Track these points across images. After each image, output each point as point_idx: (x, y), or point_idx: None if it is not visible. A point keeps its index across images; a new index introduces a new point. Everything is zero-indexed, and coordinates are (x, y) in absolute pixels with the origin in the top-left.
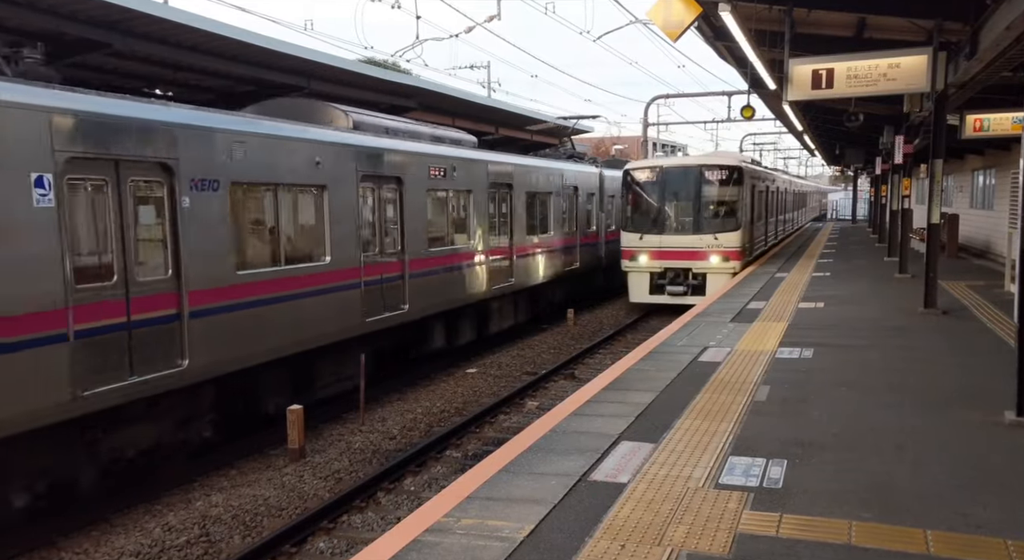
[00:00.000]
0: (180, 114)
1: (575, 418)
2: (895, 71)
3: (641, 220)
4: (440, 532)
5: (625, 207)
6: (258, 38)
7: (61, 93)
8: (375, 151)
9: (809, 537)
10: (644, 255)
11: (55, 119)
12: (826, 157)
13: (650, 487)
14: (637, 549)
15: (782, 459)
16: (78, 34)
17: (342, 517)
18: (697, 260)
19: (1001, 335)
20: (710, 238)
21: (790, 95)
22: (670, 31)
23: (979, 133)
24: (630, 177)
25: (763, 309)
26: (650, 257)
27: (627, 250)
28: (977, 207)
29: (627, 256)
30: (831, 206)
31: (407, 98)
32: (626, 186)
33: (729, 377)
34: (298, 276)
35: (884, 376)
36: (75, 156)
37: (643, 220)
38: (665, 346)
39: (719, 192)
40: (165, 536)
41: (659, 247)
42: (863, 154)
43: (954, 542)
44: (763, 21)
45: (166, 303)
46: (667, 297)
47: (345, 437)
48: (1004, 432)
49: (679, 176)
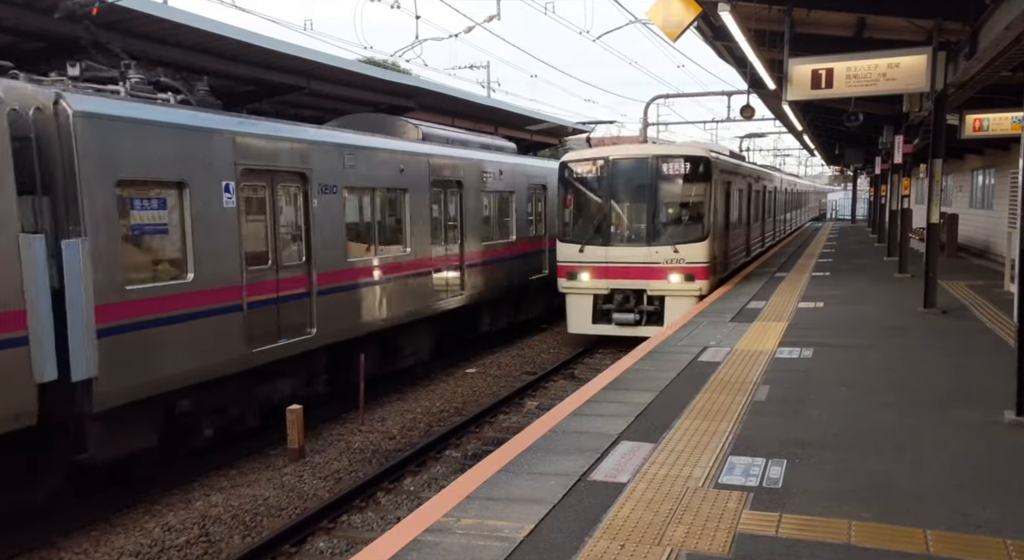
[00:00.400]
0: (312, 133)
1: (575, 418)
2: (895, 71)
3: (582, 227)
4: (440, 532)
5: (562, 210)
6: (258, 38)
7: (238, 119)
8: (441, 158)
9: (809, 537)
10: (586, 272)
11: (236, 140)
12: (826, 157)
13: (650, 487)
14: (637, 549)
15: (782, 459)
16: (77, 34)
17: (342, 517)
18: (653, 279)
19: (1001, 335)
20: (669, 251)
21: (790, 95)
22: (670, 31)
23: (978, 133)
24: (568, 171)
25: (763, 309)
26: (593, 275)
27: (564, 266)
28: (976, 207)
29: (564, 273)
30: (830, 206)
31: (407, 98)
32: (563, 183)
33: (729, 377)
34: (388, 264)
35: (884, 376)
36: (248, 168)
37: (584, 227)
38: (665, 346)
39: (681, 190)
40: (165, 536)
41: (604, 262)
42: (863, 154)
43: (954, 542)
44: (763, 21)
45: (301, 283)
46: (614, 327)
47: (345, 437)
48: (1004, 432)
49: (630, 170)
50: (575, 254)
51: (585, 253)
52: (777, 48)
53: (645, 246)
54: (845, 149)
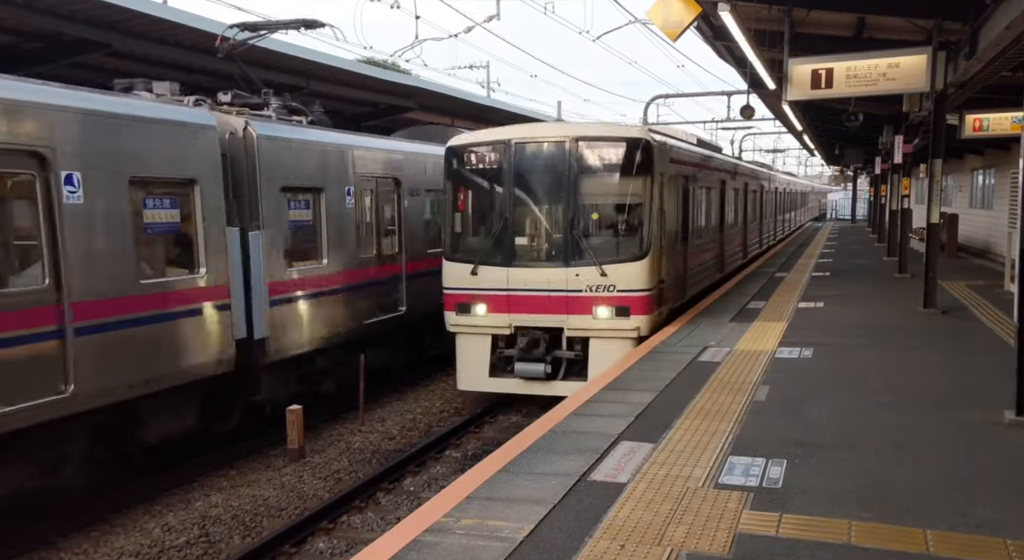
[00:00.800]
0: (401, 145)
1: (575, 418)
2: (894, 71)
3: (475, 240)
4: (440, 532)
5: (450, 217)
6: None
7: (352, 136)
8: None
9: (809, 537)
10: (481, 304)
11: (354, 152)
12: (825, 157)
13: (650, 487)
14: (637, 549)
15: (782, 459)
16: (77, 34)
17: (342, 517)
18: (573, 312)
19: (1001, 335)
20: (593, 273)
21: (790, 95)
22: (669, 31)
23: (978, 133)
24: (456, 161)
25: (762, 309)
26: (491, 307)
27: (453, 294)
28: (976, 207)
29: (452, 305)
30: (830, 206)
31: (406, 98)
32: (451, 178)
33: (729, 377)
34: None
35: (883, 376)
36: (359, 176)
37: (478, 240)
38: (665, 346)
39: (611, 188)
40: (165, 536)
41: (506, 289)
42: (862, 154)
43: (954, 542)
44: (763, 21)
45: (394, 269)
46: (519, 383)
47: (344, 437)
48: (1004, 432)
49: (539, 159)
50: (466, 278)
51: (480, 276)
52: (777, 48)
53: (561, 267)
54: (845, 149)
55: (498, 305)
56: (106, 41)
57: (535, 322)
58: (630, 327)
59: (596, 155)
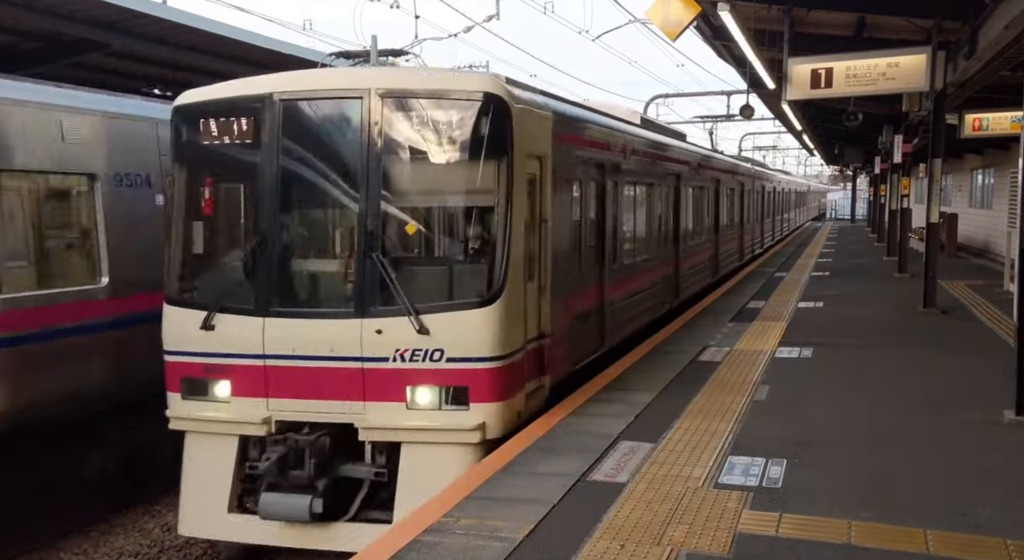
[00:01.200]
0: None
1: (574, 418)
2: (894, 70)
3: (215, 268)
4: (440, 532)
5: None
6: (257, 38)
7: None
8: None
9: (809, 537)
10: (222, 381)
11: None
12: (825, 156)
13: (649, 487)
14: (637, 549)
15: (781, 459)
16: (77, 34)
17: None
18: (372, 398)
19: (1000, 334)
20: (404, 328)
21: (789, 94)
22: (669, 30)
23: (978, 132)
24: (187, 132)
25: (762, 308)
26: (238, 387)
27: (177, 363)
28: (976, 206)
29: (177, 381)
30: (830, 206)
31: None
32: (180, 161)
33: (728, 377)
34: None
35: (883, 375)
36: None
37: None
38: (664, 346)
39: (437, 179)
40: (164, 536)
41: (260, 355)
42: (862, 153)
43: (954, 542)
44: (762, 20)
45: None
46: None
47: None
48: (1003, 431)
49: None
50: (196, 336)
51: (220, 332)
52: (777, 48)
53: (353, 316)
54: (845, 149)
55: (249, 382)
56: (105, 41)
57: (308, 413)
58: (467, 422)
59: (415, 122)
